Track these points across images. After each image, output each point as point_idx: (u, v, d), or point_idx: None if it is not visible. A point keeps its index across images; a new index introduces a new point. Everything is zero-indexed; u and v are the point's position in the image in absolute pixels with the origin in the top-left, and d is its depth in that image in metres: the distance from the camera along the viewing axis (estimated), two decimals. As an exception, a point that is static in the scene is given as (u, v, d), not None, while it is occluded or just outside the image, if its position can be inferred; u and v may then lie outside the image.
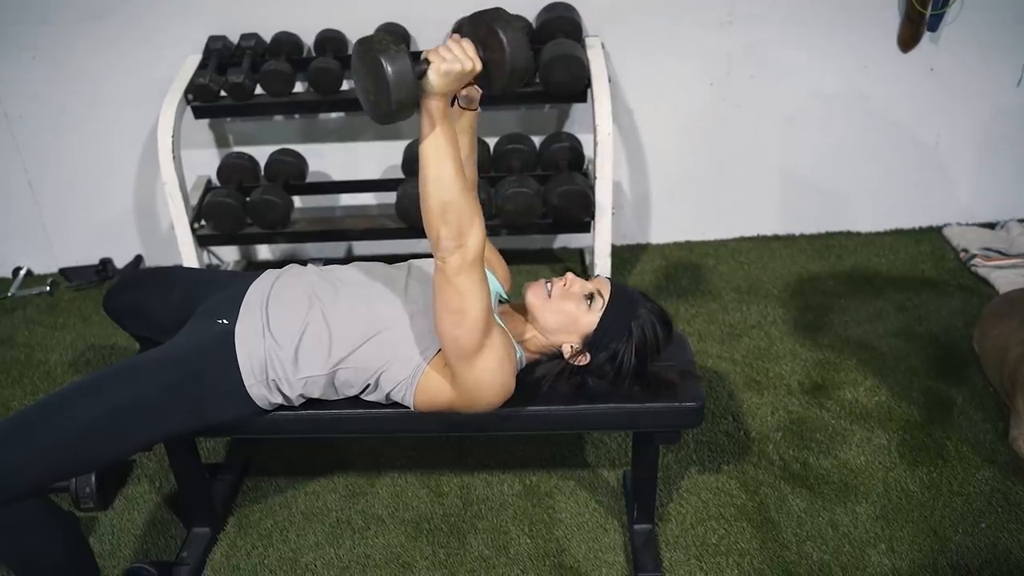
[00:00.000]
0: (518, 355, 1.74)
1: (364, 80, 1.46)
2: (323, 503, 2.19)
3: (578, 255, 3.27)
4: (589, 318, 1.73)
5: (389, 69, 1.39)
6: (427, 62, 1.44)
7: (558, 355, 1.77)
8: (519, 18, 1.53)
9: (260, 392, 1.72)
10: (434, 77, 1.44)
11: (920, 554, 1.95)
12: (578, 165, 2.94)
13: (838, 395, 2.44)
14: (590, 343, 1.74)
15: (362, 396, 1.78)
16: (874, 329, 2.70)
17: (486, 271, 1.88)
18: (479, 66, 1.48)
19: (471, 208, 1.52)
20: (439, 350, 1.67)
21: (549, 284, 1.77)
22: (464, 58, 1.46)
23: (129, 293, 2.02)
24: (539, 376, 1.76)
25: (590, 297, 1.74)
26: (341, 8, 2.89)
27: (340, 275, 1.83)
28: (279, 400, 1.75)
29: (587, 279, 1.80)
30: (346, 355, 1.70)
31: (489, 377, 1.63)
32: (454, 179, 1.49)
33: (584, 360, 1.75)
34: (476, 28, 1.51)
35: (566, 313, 1.74)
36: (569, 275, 1.78)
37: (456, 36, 1.49)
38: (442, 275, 1.54)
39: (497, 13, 1.51)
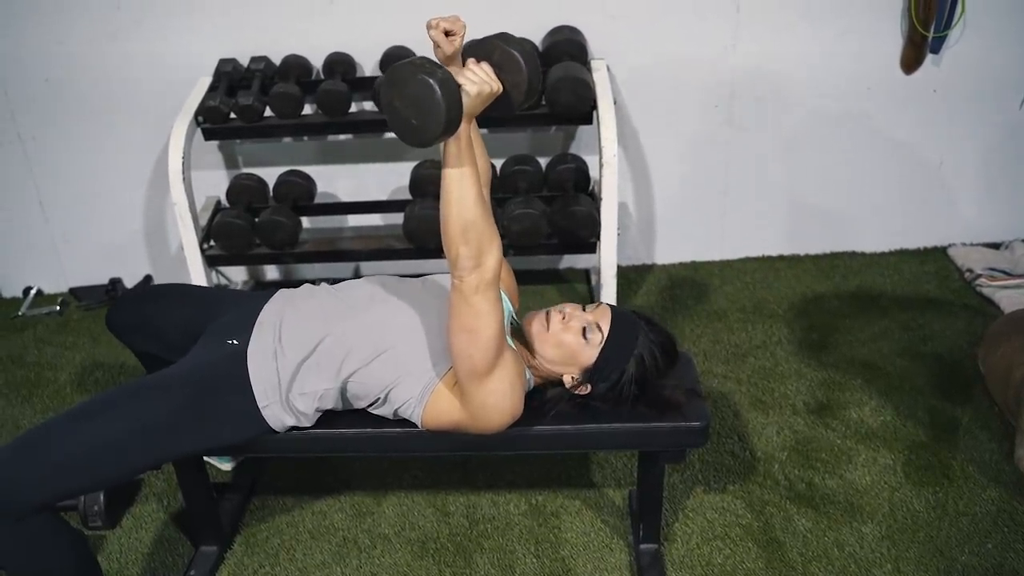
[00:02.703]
0: (527, 378, 1.75)
1: (402, 104, 1.44)
2: (330, 522, 2.20)
3: (584, 275, 3.29)
4: (588, 352, 1.74)
5: (440, 93, 1.40)
6: (459, 85, 1.46)
7: (560, 383, 1.79)
8: (526, 40, 1.56)
9: (274, 413, 1.73)
10: (466, 100, 1.46)
11: (926, 574, 1.95)
12: (584, 186, 2.96)
13: (843, 415, 2.44)
14: (590, 376, 1.75)
15: (370, 410, 1.79)
16: (879, 349, 2.71)
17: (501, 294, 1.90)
18: (501, 87, 1.52)
19: (491, 229, 1.54)
20: (450, 368, 1.68)
21: (548, 316, 1.77)
22: (490, 80, 1.49)
23: (134, 309, 2.03)
24: (544, 401, 1.78)
25: (590, 330, 1.74)
26: (350, 32, 2.92)
27: (353, 290, 1.84)
28: (292, 422, 1.76)
29: (591, 302, 1.80)
30: (357, 369, 1.71)
31: (498, 399, 1.64)
32: (476, 200, 1.51)
33: (585, 391, 1.77)
34: (488, 52, 1.54)
35: (565, 347, 1.74)
36: (568, 307, 1.78)
37: (473, 60, 1.52)
38: (459, 294, 1.56)
39: (507, 36, 1.55)
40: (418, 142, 1.46)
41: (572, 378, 1.76)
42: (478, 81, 1.48)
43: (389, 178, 3.15)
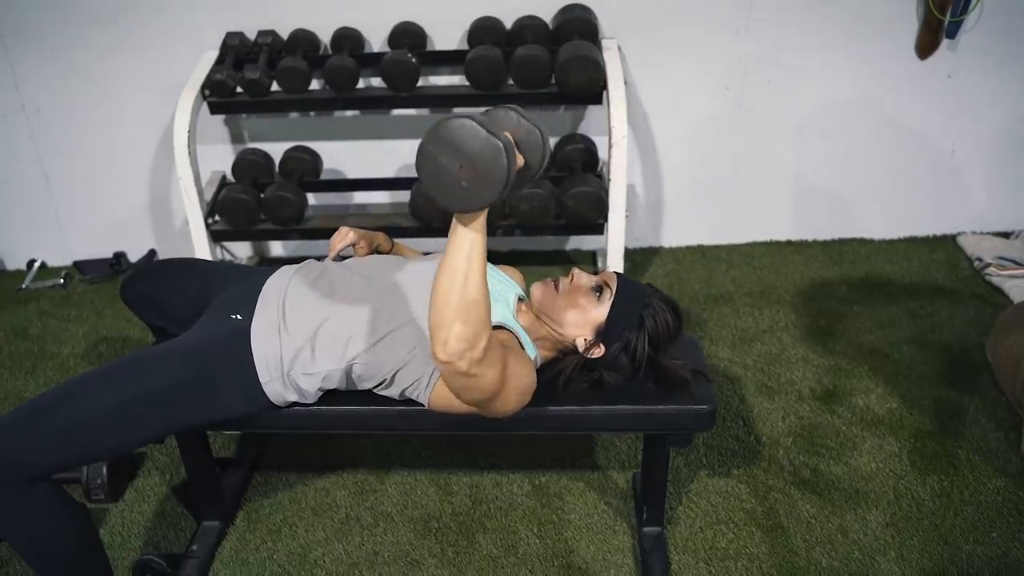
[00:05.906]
0: (533, 356, 1.74)
1: (450, 161, 1.36)
2: (332, 499, 2.20)
3: (591, 257, 3.27)
4: (599, 310, 1.73)
5: (507, 161, 1.34)
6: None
7: (573, 351, 1.77)
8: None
9: (276, 389, 1.72)
10: None
11: (930, 563, 1.95)
12: (592, 167, 2.94)
13: (849, 401, 2.43)
14: (603, 334, 1.73)
15: (375, 391, 1.78)
16: (886, 336, 2.69)
17: (501, 273, 1.89)
18: (523, 162, 1.48)
19: (488, 312, 1.49)
20: None
21: (556, 281, 1.78)
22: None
23: (146, 283, 2.02)
24: (555, 373, 1.76)
25: (598, 289, 1.75)
26: (358, 6, 2.89)
27: (360, 269, 1.82)
28: (294, 398, 1.75)
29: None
30: (362, 350, 1.70)
31: (508, 396, 1.61)
32: (482, 279, 1.46)
33: (599, 352, 1.74)
34: (506, 125, 1.48)
35: (576, 306, 1.74)
36: (575, 270, 1.79)
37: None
38: (458, 377, 1.50)
39: (520, 110, 1.50)
40: (460, 205, 1.38)
41: (585, 340, 1.74)
42: None
43: (396, 155, 3.13)
